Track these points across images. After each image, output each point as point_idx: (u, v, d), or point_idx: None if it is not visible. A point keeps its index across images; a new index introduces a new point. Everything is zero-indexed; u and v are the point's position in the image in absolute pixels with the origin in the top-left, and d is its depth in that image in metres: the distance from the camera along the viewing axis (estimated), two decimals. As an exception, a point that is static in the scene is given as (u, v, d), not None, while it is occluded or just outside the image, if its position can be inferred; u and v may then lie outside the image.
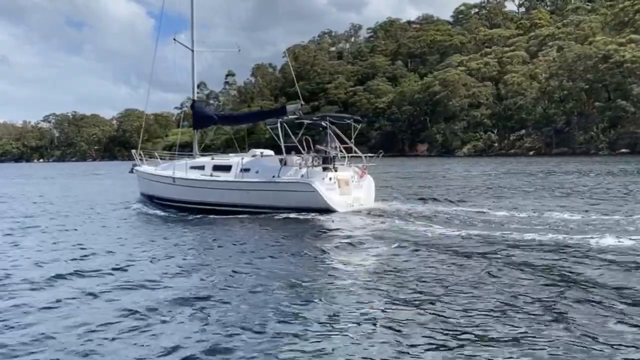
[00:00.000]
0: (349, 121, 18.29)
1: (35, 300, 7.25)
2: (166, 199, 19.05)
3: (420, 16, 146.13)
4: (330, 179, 16.31)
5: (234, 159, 18.07)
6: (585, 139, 73.66)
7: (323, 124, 17.74)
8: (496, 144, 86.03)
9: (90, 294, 7.53)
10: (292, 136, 17.18)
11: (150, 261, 9.89)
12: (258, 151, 18.75)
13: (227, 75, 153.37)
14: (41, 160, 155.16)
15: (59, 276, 8.57)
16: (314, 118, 18.63)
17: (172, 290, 7.71)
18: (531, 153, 78.82)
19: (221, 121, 22.34)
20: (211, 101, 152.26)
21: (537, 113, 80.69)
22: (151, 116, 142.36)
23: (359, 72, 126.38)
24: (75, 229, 14.46)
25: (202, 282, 8.24)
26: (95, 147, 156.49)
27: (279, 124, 16.87)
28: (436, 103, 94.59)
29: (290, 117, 17.40)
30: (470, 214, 14.41)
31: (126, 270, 9.05)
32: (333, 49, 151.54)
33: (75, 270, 8.87)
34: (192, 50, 21.31)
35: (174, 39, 21.43)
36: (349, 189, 16.77)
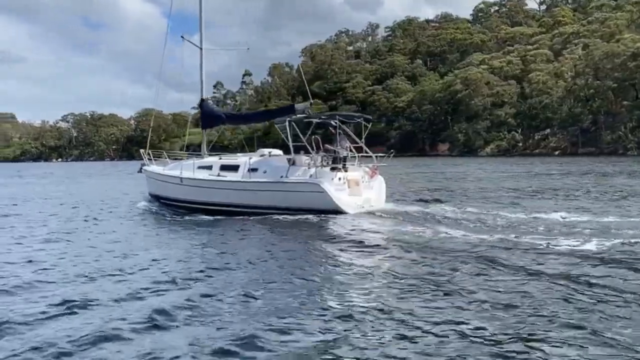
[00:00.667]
0: (359, 120, 17.76)
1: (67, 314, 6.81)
2: (173, 199, 18.72)
3: (439, 15, 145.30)
4: (339, 179, 15.81)
5: (242, 159, 17.68)
6: (613, 139, 72.03)
7: (333, 123, 17.20)
8: (520, 144, 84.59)
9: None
10: (301, 135, 16.72)
11: (150, 267, 9.38)
12: (266, 151, 18.38)
13: (244, 75, 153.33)
14: (59, 159, 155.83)
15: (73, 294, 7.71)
16: (323, 117, 18.05)
17: (180, 294, 7.51)
18: (556, 153, 77.36)
19: (229, 120, 21.92)
20: (228, 101, 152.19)
21: (563, 112, 79.21)
22: (169, 116, 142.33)
23: (377, 71, 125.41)
24: (88, 237, 13.53)
25: (202, 288, 7.83)
26: (114, 147, 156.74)
27: (287, 123, 16.44)
28: (458, 102, 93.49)
29: (298, 115, 16.91)
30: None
31: (131, 274, 8.76)
32: (350, 48, 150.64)
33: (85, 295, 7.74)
34: (201, 49, 21.04)
35: (182, 37, 21.24)
36: (359, 189, 16.27)
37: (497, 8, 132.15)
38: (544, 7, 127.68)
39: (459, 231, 11.78)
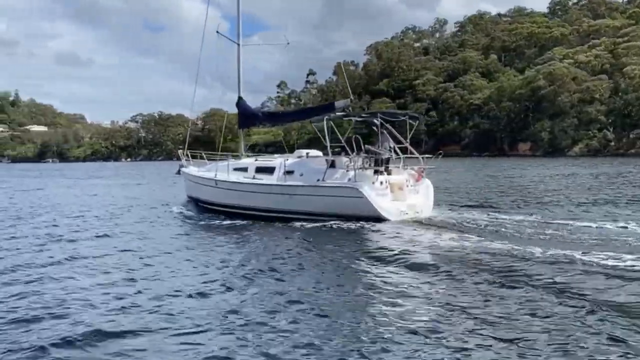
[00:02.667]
0: (403, 118, 16.51)
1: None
2: (209, 203, 18.25)
3: (512, 8, 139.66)
4: (381, 183, 14.67)
5: (277, 161, 16.88)
6: None
7: (375, 121, 16.00)
8: (613, 143, 78.93)
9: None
10: (339, 135, 15.85)
11: (160, 283, 8.74)
12: (304, 151, 17.40)
13: (308, 75, 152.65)
14: (129, 159, 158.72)
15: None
16: (364, 115, 16.99)
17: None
18: (655, 153, 71.70)
19: (267, 120, 21.23)
20: (292, 100, 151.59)
21: (663, 109, 73.25)
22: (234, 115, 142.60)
23: (448, 67, 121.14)
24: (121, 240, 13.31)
25: (222, 304, 7.34)
26: (180, 147, 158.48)
27: (324, 122, 15.45)
28: (540, 99, 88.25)
29: (337, 114, 16.16)
30: None
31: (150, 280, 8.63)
32: (417, 44, 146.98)
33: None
34: (238, 44, 20.49)
35: (217, 32, 20.60)
36: (402, 194, 15.12)
37: (575, 0, 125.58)
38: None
39: (517, 245, 10.16)
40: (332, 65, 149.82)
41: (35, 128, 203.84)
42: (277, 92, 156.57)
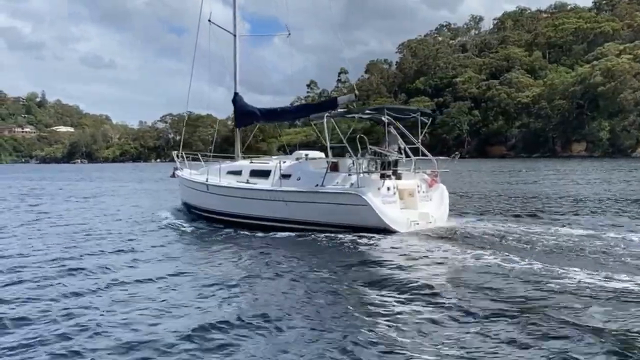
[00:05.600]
0: (414, 115, 14.93)
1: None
2: (200, 209, 16.85)
3: (552, 4, 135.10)
4: (388, 188, 13.02)
5: (273, 163, 15.40)
6: None
7: (383, 119, 14.19)
8: (682, 143, 74.30)
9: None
10: (341, 134, 14.11)
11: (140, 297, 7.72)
12: (303, 153, 15.95)
13: (339, 74, 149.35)
14: (158, 160, 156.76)
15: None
16: (369, 111, 15.14)
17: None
18: None
19: (265, 117, 19.38)
20: (322, 100, 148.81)
21: None
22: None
23: (490, 64, 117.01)
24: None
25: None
26: (210, 147, 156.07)
27: (325, 119, 13.98)
28: (597, 96, 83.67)
29: (339, 110, 14.69)
30: None
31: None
32: (453, 41, 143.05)
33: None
34: (234, 35, 19.22)
35: (209, 20, 19.15)
36: (413, 201, 13.65)
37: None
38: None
39: (548, 265, 8.58)
40: (356, 65, 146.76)
41: (62, 129, 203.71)
42: (307, 92, 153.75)
